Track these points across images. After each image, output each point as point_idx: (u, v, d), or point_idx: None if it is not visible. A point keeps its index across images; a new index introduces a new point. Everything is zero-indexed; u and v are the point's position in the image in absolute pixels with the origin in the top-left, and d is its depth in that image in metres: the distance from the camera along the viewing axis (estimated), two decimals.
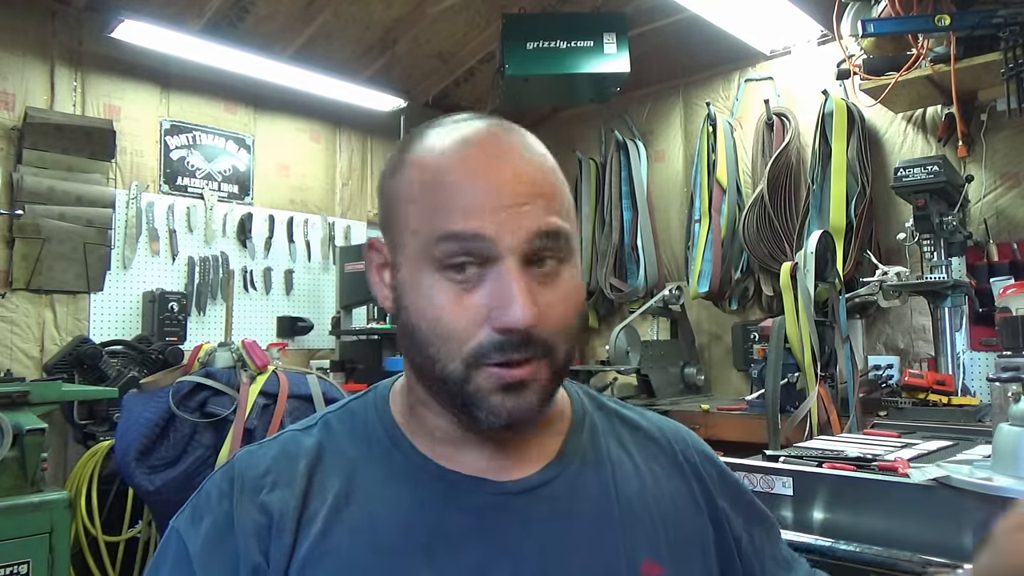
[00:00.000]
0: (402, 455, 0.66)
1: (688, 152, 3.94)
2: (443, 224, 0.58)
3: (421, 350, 0.61)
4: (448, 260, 0.58)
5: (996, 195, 2.97)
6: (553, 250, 0.60)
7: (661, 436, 0.77)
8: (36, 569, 2.04)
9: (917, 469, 1.29)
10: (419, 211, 0.61)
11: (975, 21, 2.53)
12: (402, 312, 0.63)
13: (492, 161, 0.60)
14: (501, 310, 0.57)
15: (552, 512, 0.65)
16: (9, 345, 2.95)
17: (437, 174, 0.60)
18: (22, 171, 3.00)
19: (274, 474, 0.65)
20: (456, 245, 0.58)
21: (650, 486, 0.71)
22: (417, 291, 0.60)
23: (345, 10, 3.57)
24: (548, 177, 0.62)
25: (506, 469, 0.65)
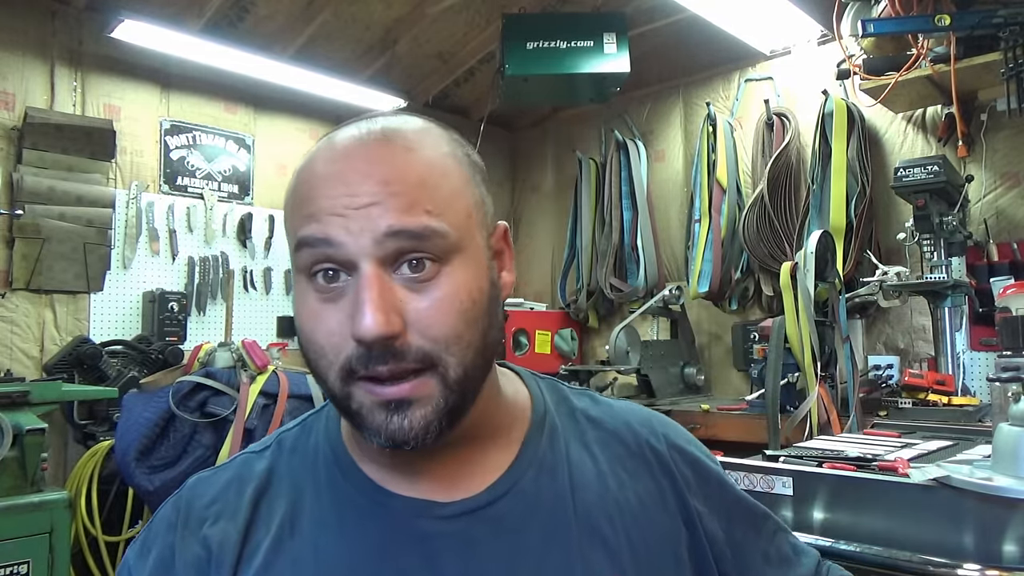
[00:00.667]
0: (345, 478, 0.63)
1: (688, 152, 3.94)
2: (299, 231, 0.56)
3: (308, 363, 0.58)
4: (312, 269, 0.56)
5: (996, 195, 2.97)
6: (421, 250, 0.55)
7: (628, 432, 0.71)
8: (36, 569, 2.04)
9: (917, 469, 1.29)
10: (289, 221, 0.59)
11: (975, 21, 2.53)
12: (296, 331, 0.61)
13: (344, 163, 0.57)
14: (354, 320, 0.53)
15: (499, 531, 0.60)
16: (9, 345, 2.95)
17: (301, 182, 0.59)
18: (22, 171, 3.00)
19: (219, 504, 0.63)
20: (309, 252, 0.55)
21: (613, 490, 0.66)
22: (297, 303, 0.58)
23: (345, 10, 3.57)
24: (412, 174, 0.56)
25: (455, 486, 0.62)
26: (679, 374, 3.50)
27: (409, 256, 0.55)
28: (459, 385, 0.56)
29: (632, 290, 3.86)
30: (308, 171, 0.59)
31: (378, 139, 0.58)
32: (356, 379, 0.55)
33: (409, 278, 0.55)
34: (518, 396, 0.70)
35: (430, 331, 0.55)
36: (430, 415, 0.55)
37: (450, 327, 0.55)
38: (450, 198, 0.58)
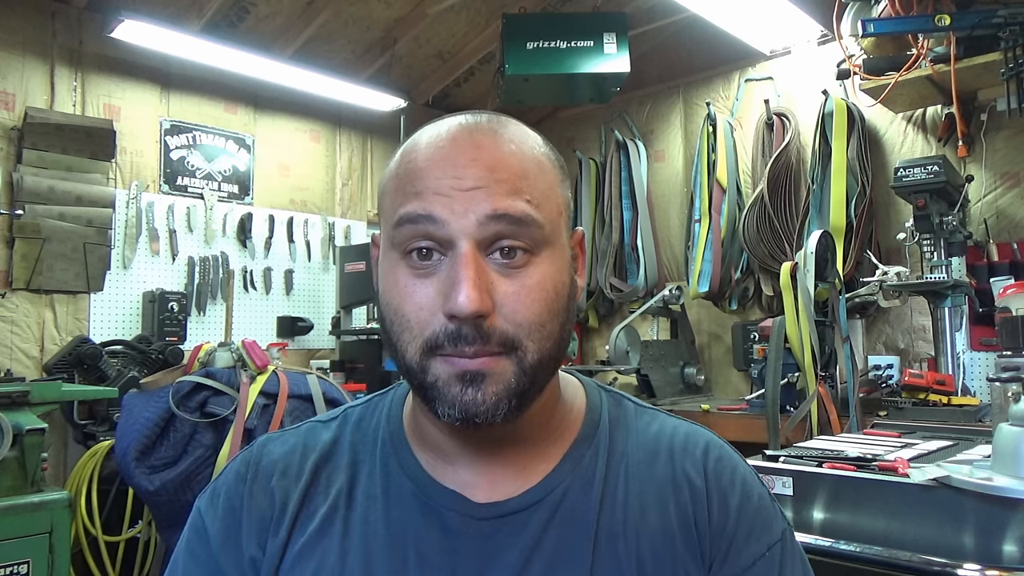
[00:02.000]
0: (397, 459, 0.66)
1: (688, 152, 3.94)
2: (401, 208, 0.58)
3: (389, 338, 0.60)
4: (408, 244, 0.58)
5: (996, 195, 2.97)
6: (517, 237, 0.57)
7: (672, 459, 0.67)
8: (36, 569, 2.04)
9: (917, 469, 1.29)
10: (388, 200, 0.61)
11: (975, 21, 2.53)
12: (377, 304, 0.62)
13: (453, 148, 0.59)
14: (449, 296, 0.55)
15: (519, 540, 0.61)
16: (9, 345, 2.95)
17: (405, 164, 0.61)
18: (22, 171, 3.00)
19: (284, 464, 0.67)
20: (410, 228, 0.57)
21: (637, 515, 0.63)
22: (385, 279, 0.60)
23: (345, 10, 3.57)
24: (516, 164, 0.59)
25: (494, 486, 0.63)
26: (679, 374, 3.50)
27: (504, 243, 0.57)
28: (532, 370, 0.58)
29: (632, 290, 3.86)
30: (413, 152, 0.61)
31: (485, 129, 0.61)
32: (437, 355, 0.57)
33: (501, 263, 0.57)
34: (574, 406, 0.70)
35: (516, 315, 0.57)
36: (502, 392, 0.57)
37: (535, 314, 0.57)
38: (547, 192, 0.60)
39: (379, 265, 0.63)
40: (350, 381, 3.56)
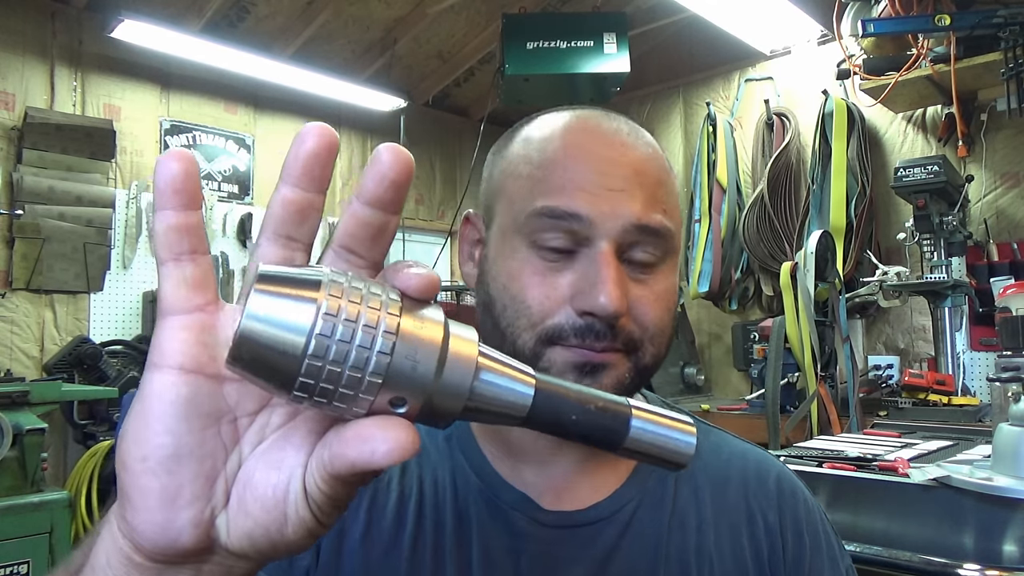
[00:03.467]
0: (465, 456, 0.63)
1: (688, 152, 3.94)
2: (540, 199, 0.57)
3: (497, 323, 0.58)
4: (541, 236, 0.56)
5: (996, 195, 2.97)
6: (652, 247, 0.57)
7: (745, 488, 0.66)
8: (36, 569, 2.04)
9: (917, 469, 1.29)
10: (519, 184, 0.59)
11: (975, 21, 2.53)
12: (483, 286, 0.60)
13: (597, 143, 0.58)
14: (588, 293, 0.54)
15: (585, 554, 0.60)
16: (9, 345, 2.95)
17: (541, 150, 0.59)
18: (22, 171, 3.00)
19: None
20: (550, 221, 0.56)
21: (710, 543, 0.62)
22: (503, 263, 0.58)
23: (345, 10, 3.57)
24: (655, 170, 0.59)
25: (561, 495, 0.62)
26: (679, 374, 3.50)
27: (638, 249, 0.57)
28: (644, 372, 0.59)
29: None
30: (552, 139, 0.59)
31: (627, 130, 0.61)
32: (557, 344, 0.56)
33: (634, 267, 0.58)
34: None
35: (644, 319, 0.57)
36: (615, 386, 0.56)
37: (659, 319, 0.58)
38: (676, 204, 0.61)
39: (491, 246, 0.61)
40: None
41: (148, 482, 0.30)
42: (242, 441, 0.32)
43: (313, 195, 0.32)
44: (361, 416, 0.29)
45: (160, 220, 0.31)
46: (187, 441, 0.30)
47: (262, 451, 0.32)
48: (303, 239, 0.32)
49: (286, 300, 0.27)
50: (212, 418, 0.31)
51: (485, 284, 0.60)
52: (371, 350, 0.27)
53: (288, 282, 0.28)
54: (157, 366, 0.30)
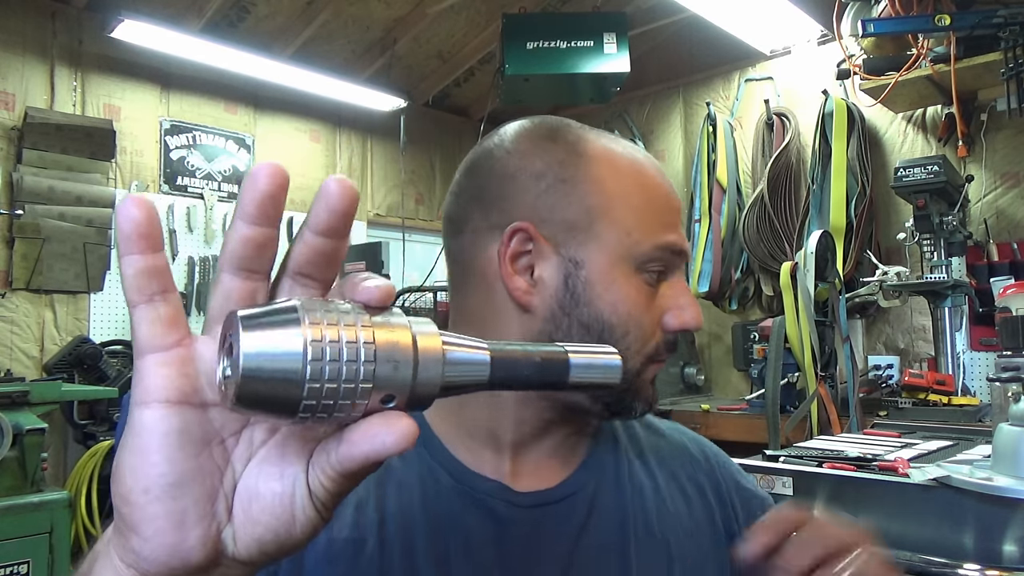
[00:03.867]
0: (432, 456, 0.65)
1: (688, 152, 3.94)
2: (663, 233, 0.63)
3: (615, 343, 0.61)
4: (652, 264, 0.63)
5: (996, 195, 2.97)
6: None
7: (685, 455, 0.76)
8: (36, 569, 2.04)
9: (917, 469, 1.29)
10: (633, 213, 0.63)
11: (975, 21, 2.53)
12: (587, 307, 0.61)
13: (664, 181, 0.66)
14: (679, 312, 0.63)
15: (566, 528, 0.64)
16: (9, 345, 2.95)
17: (644, 182, 0.65)
18: (22, 171, 3.00)
19: None
20: (670, 256, 0.63)
21: (669, 507, 0.69)
22: (613, 290, 0.62)
23: (345, 10, 3.57)
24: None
25: (535, 474, 0.65)
26: (679, 374, 3.50)
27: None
28: None
29: None
30: (647, 176, 0.65)
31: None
32: (653, 360, 0.64)
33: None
34: None
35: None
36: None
37: None
38: None
39: (592, 268, 0.61)
40: None
41: (155, 510, 0.32)
42: (232, 459, 0.35)
43: (269, 230, 0.34)
44: (358, 419, 0.32)
45: (128, 265, 0.33)
46: (185, 468, 0.32)
47: (258, 466, 0.35)
48: (262, 270, 0.34)
49: (274, 338, 0.30)
50: (203, 443, 0.33)
51: (594, 308, 0.61)
52: (358, 362, 0.30)
53: (270, 322, 0.30)
54: (144, 403, 0.32)
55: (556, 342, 0.41)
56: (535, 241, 0.61)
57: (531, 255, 0.62)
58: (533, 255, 0.62)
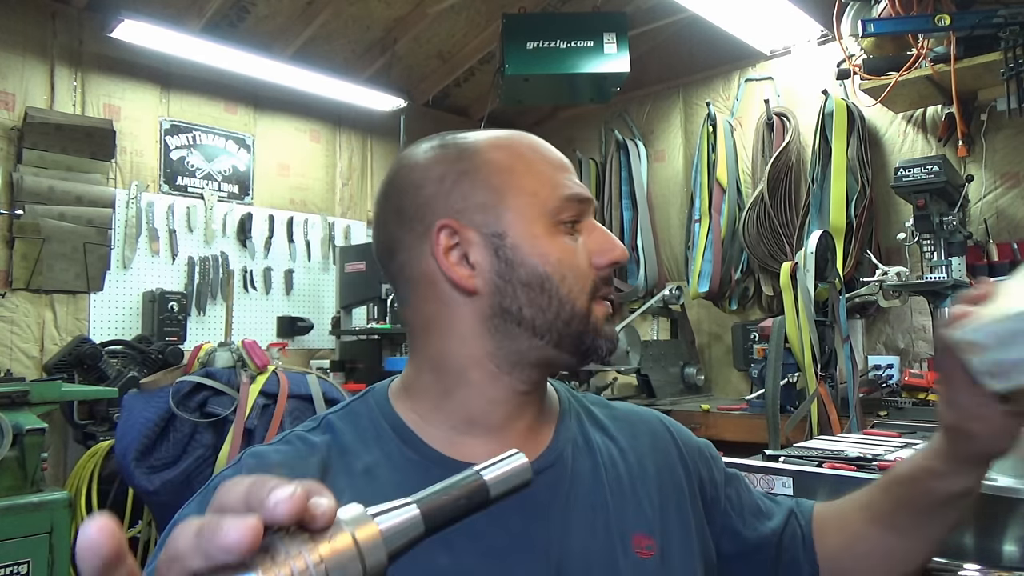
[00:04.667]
0: (412, 449, 0.69)
1: (688, 152, 3.94)
2: (564, 189, 0.70)
3: (556, 294, 0.68)
4: (566, 216, 0.69)
5: (996, 195, 2.97)
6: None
7: (639, 421, 0.83)
8: (36, 569, 2.04)
9: None
10: (536, 180, 0.70)
11: (975, 21, 2.52)
12: (524, 268, 0.68)
13: (538, 143, 0.74)
14: (606, 250, 0.70)
15: (555, 497, 0.69)
16: (9, 345, 2.95)
17: (522, 150, 0.72)
18: (22, 171, 3.00)
19: (287, 468, 0.66)
20: (577, 205, 0.70)
21: (634, 464, 0.76)
22: (538, 245, 0.68)
23: (345, 10, 3.57)
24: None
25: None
26: (679, 374, 3.50)
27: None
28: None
29: (632, 290, 3.86)
30: (533, 145, 0.73)
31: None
32: (597, 298, 0.70)
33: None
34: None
35: None
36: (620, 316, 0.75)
37: None
38: None
39: (513, 235, 0.68)
40: (350, 381, 3.56)
41: None
42: None
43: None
44: None
45: None
46: None
47: None
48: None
49: None
50: None
51: (528, 266, 0.68)
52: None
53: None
54: None
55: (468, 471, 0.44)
56: (459, 231, 0.68)
57: (461, 245, 0.68)
58: (463, 244, 0.68)
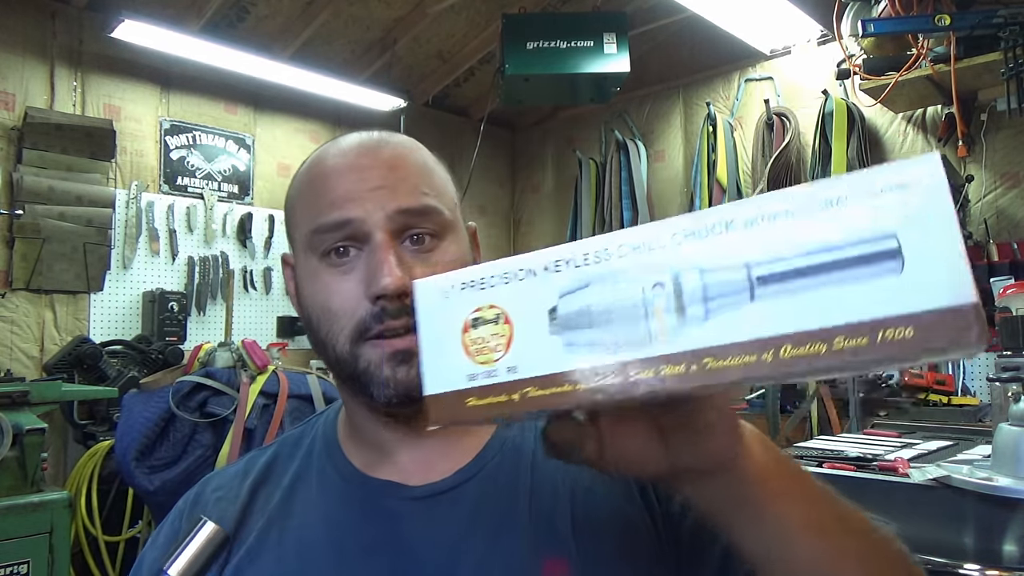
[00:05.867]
0: (333, 467, 0.69)
1: (688, 152, 3.94)
2: (318, 217, 0.63)
3: (316, 334, 0.64)
4: (327, 247, 0.63)
5: (996, 195, 2.97)
6: (423, 225, 0.63)
7: None
8: (36, 569, 2.04)
9: (917, 469, 1.29)
10: (302, 209, 0.66)
11: (975, 21, 2.53)
12: (303, 309, 0.66)
13: (353, 157, 0.65)
14: (374, 278, 0.60)
15: (455, 517, 0.64)
16: (9, 345, 2.95)
17: (309, 178, 0.67)
18: (22, 171, 3.00)
19: (224, 490, 0.70)
20: (332, 236, 0.62)
21: (573, 471, 0.65)
22: (309, 283, 0.65)
23: (345, 10, 3.57)
24: (412, 165, 0.66)
25: (431, 470, 0.66)
26: None
27: (413, 231, 0.63)
28: None
29: None
30: (318, 168, 0.66)
31: (378, 140, 0.68)
32: (366, 339, 0.61)
33: (413, 250, 0.63)
34: None
35: None
36: None
37: None
38: (441, 185, 0.68)
39: (297, 276, 0.68)
40: None
41: None
42: None
43: None
44: None
45: None
46: None
47: None
48: None
49: None
50: None
51: (304, 307, 0.66)
52: None
53: None
54: None
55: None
56: (290, 264, 0.70)
57: (291, 277, 0.70)
58: (291, 276, 0.70)
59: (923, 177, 0.34)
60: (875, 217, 0.34)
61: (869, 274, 0.34)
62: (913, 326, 0.33)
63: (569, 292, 0.40)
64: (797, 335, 0.35)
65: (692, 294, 0.37)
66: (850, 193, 0.35)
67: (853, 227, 0.35)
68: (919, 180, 0.34)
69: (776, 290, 0.36)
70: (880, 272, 0.34)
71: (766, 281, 0.36)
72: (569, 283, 0.40)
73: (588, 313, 0.39)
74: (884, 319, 0.33)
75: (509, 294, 0.42)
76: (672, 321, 0.37)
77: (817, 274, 0.35)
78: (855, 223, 0.35)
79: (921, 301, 0.33)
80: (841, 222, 0.35)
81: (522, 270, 0.42)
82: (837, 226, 0.35)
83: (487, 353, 0.41)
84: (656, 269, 0.38)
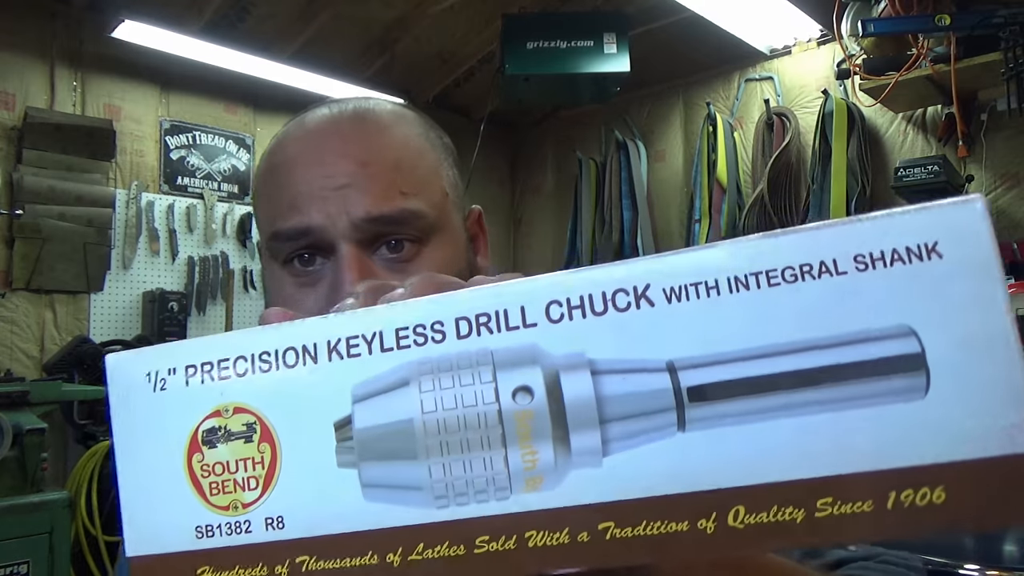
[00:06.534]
0: None
1: (688, 152, 3.94)
2: (274, 222, 0.54)
3: None
4: (287, 256, 0.54)
5: (996, 195, 2.97)
6: (400, 232, 0.53)
7: None
8: (36, 569, 2.04)
9: None
10: (262, 205, 0.57)
11: (975, 21, 2.52)
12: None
13: (318, 143, 0.54)
14: (334, 299, 0.50)
15: None
16: (9, 345, 2.95)
17: (270, 165, 0.57)
18: (22, 171, 3.00)
19: None
20: (291, 244, 0.53)
21: None
22: (272, 286, 0.57)
23: (345, 10, 3.57)
24: (387, 155, 0.54)
25: None
26: None
27: (388, 238, 0.53)
28: None
29: None
30: (280, 153, 0.57)
31: (351, 118, 0.56)
32: None
33: (389, 259, 0.53)
34: None
35: None
36: None
37: None
38: (426, 177, 0.56)
39: (264, 277, 0.59)
40: None
41: None
42: None
43: None
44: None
45: None
46: None
47: None
48: None
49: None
50: None
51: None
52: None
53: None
54: None
55: None
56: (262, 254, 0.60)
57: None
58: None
59: (958, 234, 0.22)
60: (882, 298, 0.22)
61: (871, 393, 0.22)
62: (944, 486, 0.21)
63: (372, 394, 0.25)
64: (752, 491, 0.22)
65: (580, 409, 0.24)
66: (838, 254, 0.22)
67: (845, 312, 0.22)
68: (951, 237, 0.22)
69: (720, 411, 0.23)
70: (890, 391, 0.22)
71: (703, 395, 0.23)
72: (373, 376, 0.25)
73: (403, 433, 0.24)
74: (896, 471, 0.21)
75: (269, 390, 0.25)
76: (546, 455, 0.23)
77: (785, 389, 0.22)
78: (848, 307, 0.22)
79: (957, 443, 0.21)
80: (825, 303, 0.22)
81: (291, 349, 0.25)
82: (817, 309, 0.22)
83: (232, 492, 0.25)
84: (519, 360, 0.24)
